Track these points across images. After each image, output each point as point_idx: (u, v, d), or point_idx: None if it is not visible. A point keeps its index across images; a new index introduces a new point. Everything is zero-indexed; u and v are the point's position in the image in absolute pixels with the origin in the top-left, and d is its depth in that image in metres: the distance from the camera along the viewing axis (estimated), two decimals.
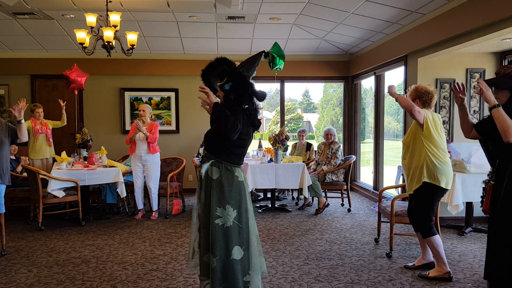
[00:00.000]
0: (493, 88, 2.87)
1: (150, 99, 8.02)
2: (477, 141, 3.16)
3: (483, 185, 2.99)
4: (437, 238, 3.59)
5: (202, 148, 2.93)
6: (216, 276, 2.64)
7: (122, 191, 5.81)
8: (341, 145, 6.77)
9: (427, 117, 3.48)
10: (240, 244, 2.72)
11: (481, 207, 3.02)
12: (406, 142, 3.69)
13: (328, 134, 6.77)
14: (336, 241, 4.83)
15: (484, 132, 2.99)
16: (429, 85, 3.70)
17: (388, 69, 6.86)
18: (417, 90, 3.66)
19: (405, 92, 3.94)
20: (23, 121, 4.24)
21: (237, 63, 2.88)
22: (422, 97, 3.62)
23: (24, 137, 4.27)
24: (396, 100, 3.54)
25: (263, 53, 2.97)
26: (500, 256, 2.74)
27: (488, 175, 2.95)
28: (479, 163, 4.74)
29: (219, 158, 2.75)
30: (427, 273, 3.66)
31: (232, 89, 2.77)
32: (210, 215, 2.70)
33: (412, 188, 3.61)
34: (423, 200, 3.59)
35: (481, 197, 3.02)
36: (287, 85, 8.72)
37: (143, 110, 5.95)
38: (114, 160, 6.44)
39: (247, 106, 2.80)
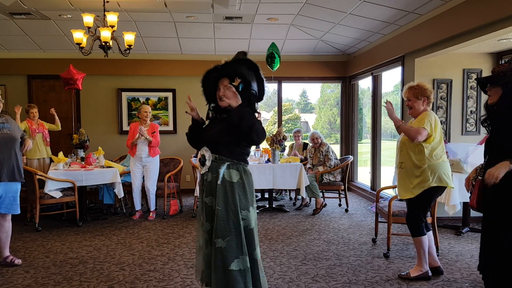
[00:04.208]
0: (488, 85, 2.89)
1: (147, 99, 8.01)
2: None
3: (472, 182, 2.98)
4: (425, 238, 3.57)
5: (208, 152, 2.74)
6: (248, 278, 2.55)
7: (119, 191, 5.79)
8: (330, 146, 6.71)
9: (431, 128, 3.41)
10: (258, 245, 2.67)
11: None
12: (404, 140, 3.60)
13: (314, 139, 6.71)
14: (334, 241, 4.83)
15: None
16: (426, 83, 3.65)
17: (385, 70, 6.87)
18: (422, 88, 3.51)
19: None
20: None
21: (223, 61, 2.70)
22: (429, 96, 3.51)
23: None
24: (398, 128, 3.52)
25: (243, 53, 2.75)
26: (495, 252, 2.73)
27: (476, 169, 2.96)
28: (476, 163, 4.71)
29: (236, 159, 2.61)
30: (407, 273, 3.62)
31: (245, 91, 2.65)
32: (238, 219, 2.55)
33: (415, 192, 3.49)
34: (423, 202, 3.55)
35: (469, 192, 3.02)
36: (285, 85, 8.73)
37: (149, 112, 5.96)
38: (112, 161, 6.43)
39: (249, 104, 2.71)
